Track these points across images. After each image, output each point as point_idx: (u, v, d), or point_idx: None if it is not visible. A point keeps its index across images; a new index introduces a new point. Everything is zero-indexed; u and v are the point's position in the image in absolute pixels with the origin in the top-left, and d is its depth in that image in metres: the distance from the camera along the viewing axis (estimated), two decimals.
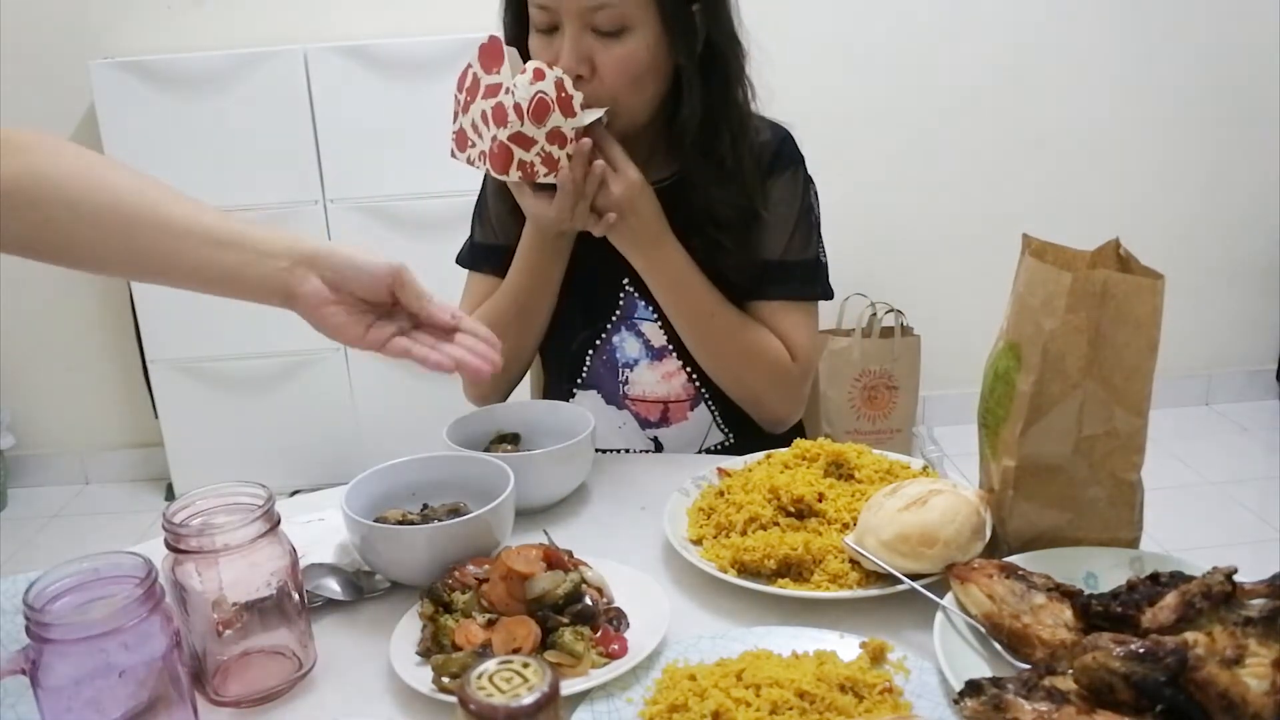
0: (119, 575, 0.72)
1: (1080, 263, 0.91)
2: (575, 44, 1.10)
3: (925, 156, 2.94)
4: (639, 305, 1.29)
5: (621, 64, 1.11)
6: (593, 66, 1.11)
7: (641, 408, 1.32)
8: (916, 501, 0.90)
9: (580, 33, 1.10)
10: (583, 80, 1.12)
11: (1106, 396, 0.87)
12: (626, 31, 1.10)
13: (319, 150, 2.62)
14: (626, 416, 1.33)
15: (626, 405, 1.33)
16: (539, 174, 1.11)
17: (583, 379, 1.34)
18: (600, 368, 1.32)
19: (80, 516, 2.93)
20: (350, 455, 2.78)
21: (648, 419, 1.33)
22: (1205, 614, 0.74)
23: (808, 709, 0.73)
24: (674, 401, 1.31)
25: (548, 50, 1.13)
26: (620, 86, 1.13)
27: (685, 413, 1.32)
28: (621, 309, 1.30)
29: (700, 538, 1.00)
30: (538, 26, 1.14)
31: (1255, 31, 2.92)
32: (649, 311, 1.28)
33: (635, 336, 1.30)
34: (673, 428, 1.33)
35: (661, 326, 1.28)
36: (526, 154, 1.10)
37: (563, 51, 1.10)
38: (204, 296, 0.93)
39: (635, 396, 1.32)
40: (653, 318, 1.29)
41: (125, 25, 2.72)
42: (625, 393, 1.32)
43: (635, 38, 1.11)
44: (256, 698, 0.81)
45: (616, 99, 1.13)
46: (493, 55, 1.09)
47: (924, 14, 2.85)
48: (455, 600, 0.86)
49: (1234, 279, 3.15)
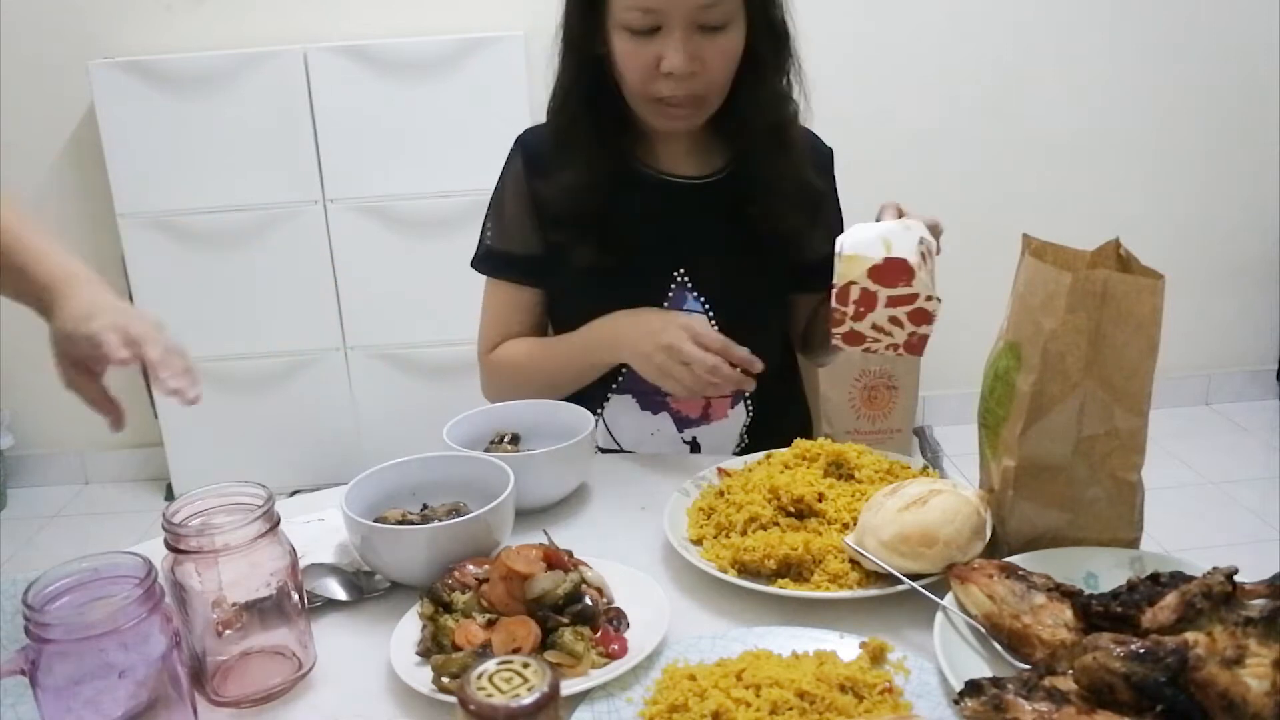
0: (118, 575, 0.72)
1: (1080, 263, 0.91)
2: (686, 43, 1.12)
3: (925, 156, 2.94)
4: (688, 297, 1.28)
5: (725, 55, 1.16)
6: (701, 63, 1.14)
7: (684, 405, 1.30)
8: (916, 501, 0.90)
9: (690, 32, 1.13)
10: (691, 78, 1.15)
11: (1106, 396, 0.87)
12: (729, 25, 1.15)
13: (319, 150, 2.62)
14: (662, 421, 1.31)
15: (666, 405, 1.31)
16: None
17: (620, 381, 1.31)
18: None
19: (80, 516, 2.93)
20: (350, 455, 2.78)
21: (688, 417, 1.31)
22: (1205, 614, 0.74)
23: (808, 709, 0.73)
24: (717, 397, 1.30)
25: (645, 53, 1.14)
26: (722, 77, 1.18)
27: (726, 410, 1.31)
28: (670, 301, 1.29)
29: (700, 538, 1.00)
30: (634, 28, 1.14)
31: (1256, 31, 2.92)
32: (699, 303, 1.28)
33: None
34: (713, 425, 1.32)
35: (712, 320, 1.28)
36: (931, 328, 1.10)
37: (671, 51, 1.12)
38: (204, 296, 0.93)
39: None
40: (702, 309, 1.28)
41: (125, 25, 2.72)
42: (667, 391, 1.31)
43: (734, 29, 1.16)
44: (256, 698, 0.81)
45: (714, 90, 1.18)
46: (897, 272, 1.04)
47: (923, 14, 2.85)
48: (455, 600, 0.86)
49: (1234, 279, 3.15)
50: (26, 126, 2.78)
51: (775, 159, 1.24)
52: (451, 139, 2.62)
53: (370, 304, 2.75)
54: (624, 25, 1.14)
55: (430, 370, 2.79)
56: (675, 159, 1.29)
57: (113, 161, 2.61)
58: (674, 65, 1.12)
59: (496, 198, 1.35)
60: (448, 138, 2.62)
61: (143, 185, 2.63)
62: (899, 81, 2.89)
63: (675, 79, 1.14)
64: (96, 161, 2.66)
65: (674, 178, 1.29)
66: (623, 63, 1.17)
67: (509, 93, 2.59)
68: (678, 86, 1.15)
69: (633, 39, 1.14)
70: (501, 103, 2.59)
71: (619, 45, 1.16)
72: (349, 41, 2.60)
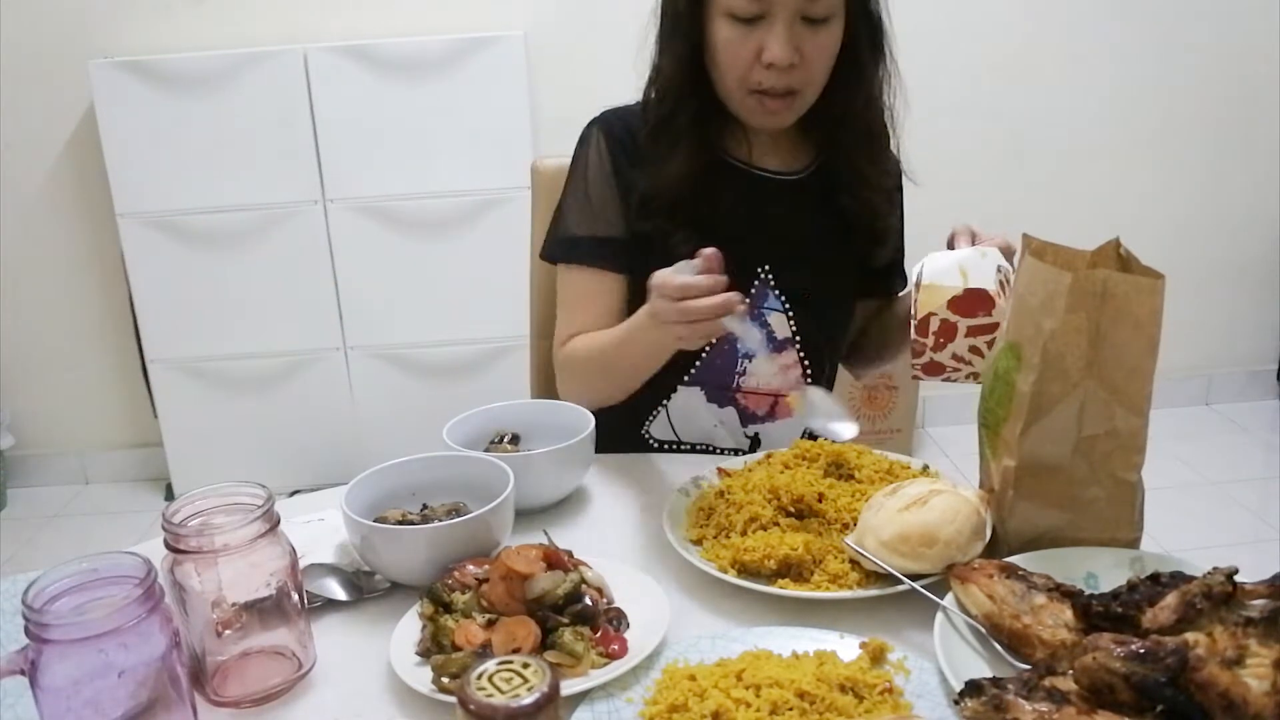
0: (118, 575, 0.72)
1: (1080, 263, 0.91)
2: (789, 34, 1.12)
3: (924, 157, 2.93)
4: (770, 294, 1.28)
5: (825, 49, 1.16)
6: (801, 55, 1.14)
7: (752, 400, 1.30)
8: (916, 501, 0.90)
9: (793, 23, 1.12)
10: (790, 70, 1.14)
11: (1107, 396, 0.87)
12: (831, 19, 1.14)
13: (319, 150, 2.62)
14: (729, 413, 1.31)
15: (734, 399, 1.30)
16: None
17: (692, 373, 1.29)
18: (717, 358, 1.28)
19: (80, 516, 2.93)
20: (350, 455, 2.78)
21: (755, 413, 1.31)
22: (1206, 614, 0.74)
23: (808, 709, 0.73)
24: (785, 395, 1.30)
25: (748, 42, 1.14)
26: (820, 71, 1.17)
27: (792, 410, 1.31)
28: (752, 297, 1.27)
29: (700, 538, 1.00)
30: (740, 15, 1.13)
31: (1256, 31, 2.92)
32: (779, 301, 1.28)
33: (760, 327, 1.28)
34: (777, 423, 1.31)
35: (791, 318, 1.28)
36: None
37: (773, 42, 1.12)
38: (204, 296, 0.93)
39: (749, 389, 1.30)
40: (781, 308, 1.28)
41: (125, 25, 2.72)
42: (739, 384, 1.29)
43: (836, 24, 1.15)
44: (256, 698, 0.81)
45: (810, 84, 1.18)
46: (977, 302, 1.04)
47: (922, 14, 2.84)
48: (455, 600, 0.86)
49: (1234, 279, 3.15)
50: (26, 126, 2.78)
51: (870, 154, 1.26)
52: (451, 139, 2.62)
53: (370, 304, 2.75)
54: (728, 12, 1.14)
55: (430, 370, 2.79)
56: (764, 153, 1.28)
57: (112, 161, 2.61)
58: (775, 55, 1.12)
59: (578, 181, 1.30)
60: (448, 138, 2.62)
61: (142, 185, 2.63)
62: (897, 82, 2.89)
63: (775, 70, 1.13)
64: (96, 161, 2.66)
65: (763, 172, 1.28)
66: (723, 51, 1.16)
67: (509, 93, 2.59)
68: (777, 78, 1.14)
69: (736, 27, 1.14)
70: (501, 103, 2.59)
71: (721, 32, 1.15)
72: (349, 41, 2.60)
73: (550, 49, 2.67)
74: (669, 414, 1.32)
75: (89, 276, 2.88)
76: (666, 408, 1.31)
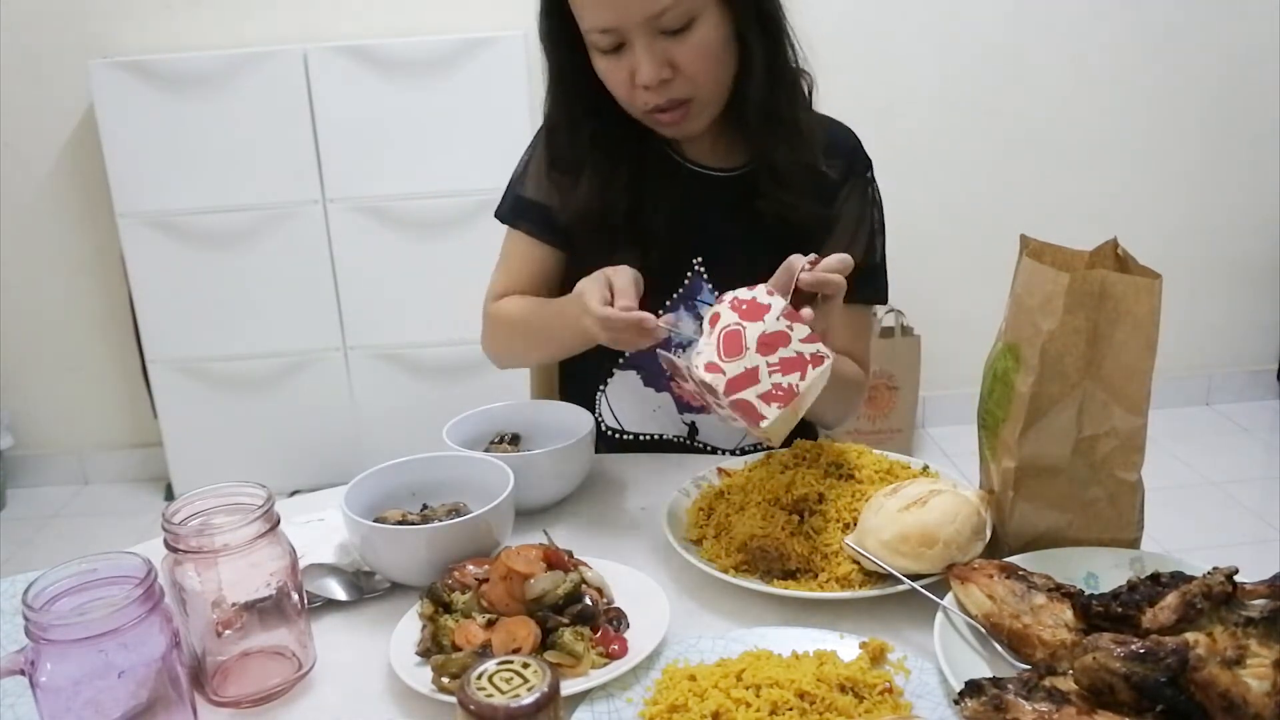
0: (118, 575, 0.72)
1: (1078, 263, 0.91)
2: (650, 53, 1.10)
3: (924, 157, 2.94)
4: (704, 288, 1.28)
5: (699, 53, 1.13)
6: (674, 67, 1.12)
7: (685, 392, 1.29)
8: (916, 502, 0.90)
9: (652, 40, 1.10)
10: (667, 83, 1.13)
11: (1106, 396, 0.87)
12: (695, 21, 1.11)
13: (319, 150, 2.62)
14: (664, 399, 1.31)
15: (668, 386, 1.30)
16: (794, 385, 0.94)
17: (625, 358, 1.31)
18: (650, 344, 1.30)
19: (79, 517, 2.93)
20: (350, 455, 2.78)
21: (689, 403, 1.31)
22: (1206, 614, 0.74)
23: (808, 709, 0.73)
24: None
25: (620, 68, 1.13)
26: (704, 74, 1.14)
27: None
28: (685, 289, 1.29)
29: (700, 538, 1.00)
30: (601, 49, 1.13)
31: (1256, 30, 2.92)
32: (712, 295, 1.28)
33: (693, 318, 1.28)
34: (711, 414, 1.30)
35: None
36: (760, 386, 0.94)
37: (640, 64, 1.11)
38: (204, 296, 0.93)
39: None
40: (714, 301, 1.27)
41: (125, 25, 2.72)
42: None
43: (703, 24, 1.12)
44: (256, 698, 0.81)
45: (701, 89, 1.15)
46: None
47: (921, 13, 2.85)
48: (455, 600, 0.86)
49: (1234, 279, 3.15)
50: (26, 126, 2.78)
51: (780, 147, 1.21)
52: (451, 139, 2.62)
53: (370, 304, 2.75)
54: (594, 46, 1.14)
55: (430, 370, 2.79)
56: (703, 150, 1.28)
57: (112, 161, 2.61)
58: (643, 77, 1.11)
59: (533, 146, 1.34)
60: (448, 138, 2.62)
61: (142, 185, 2.63)
62: (897, 81, 2.89)
63: (652, 90, 1.13)
64: (96, 161, 2.66)
65: (701, 168, 1.28)
66: (606, 81, 1.17)
67: (509, 93, 2.59)
68: (657, 95, 1.14)
69: (606, 59, 1.14)
70: (501, 103, 2.59)
71: (598, 66, 1.16)
72: (349, 41, 2.60)
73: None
74: (608, 400, 1.34)
75: (89, 276, 2.88)
76: (605, 393, 1.33)
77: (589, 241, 1.25)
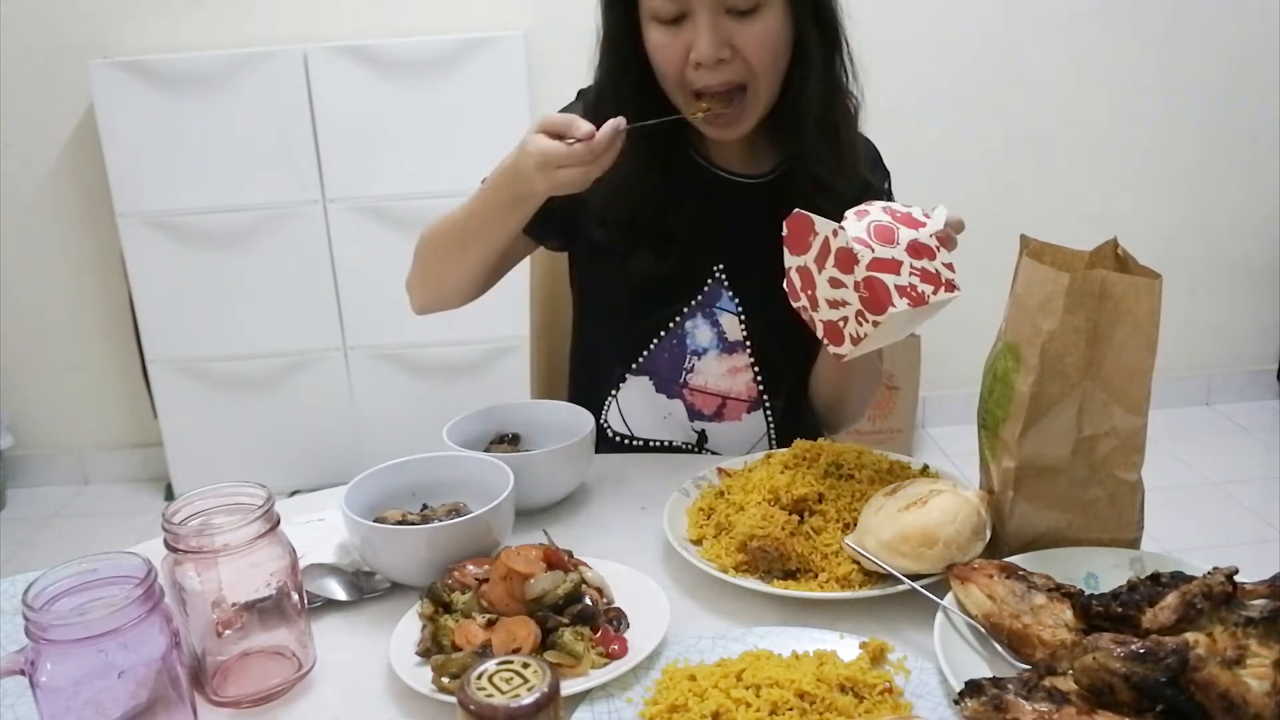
0: (118, 575, 0.72)
1: (1078, 263, 0.91)
2: (713, 29, 1.09)
3: (924, 157, 2.94)
4: (724, 294, 1.27)
5: (762, 41, 1.11)
6: (732, 49, 1.11)
7: (699, 399, 1.30)
8: (916, 502, 0.90)
9: (716, 16, 1.09)
10: (723, 65, 1.11)
11: (1106, 397, 0.87)
12: (761, 8, 1.10)
13: (319, 150, 2.62)
14: (676, 406, 1.30)
15: (681, 393, 1.30)
16: (926, 294, 0.94)
17: (639, 363, 1.30)
18: (664, 351, 1.29)
19: (79, 517, 2.93)
20: (350, 455, 2.78)
21: (701, 411, 1.30)
22: (1206, 614, 0.74)
23: (808, 709, 0.73)
24: (733, 399, 1.29)
25: (675, 43, 1.11)
26: (763, 64, 1.13)
27: (741, 413, 1.30)
28: (705, 295, 1.28)
29: (700, 538, 1.00)
30: (661, 17, 1.11)
31: (1256, 31, 2.92)
32: (732, 303, 1.27)
33: (710, 325, 1.28)
34: (724, 424, 1.31)
35: (741, 321, 1.27)
36: (899, 278, 0.94)
37: (699, 39, 1.09)
38: (204, 297, 0.93)
39: (696, 386, 1.29)
40: (734, 310, 1.27)
41: (125, 25, 2.72)
42: (686, 380, 1.29)
43: (769, 12, 1.11)
44: (256, 698, 0.81)
45: (756, 78, 1.14)
46: (801, 229, 1.01)
47: (921, 14, 2.85)
48: (455, 600, 0.86)
49: (1234, 279, 3.15)
50: (26, 126, 2.78)
51: (828, 157, 1.20)
52: (451, 139, 2.62)
53: (370, 304, 2.75)
54: (653, 15, 1.12)
55: (430, 370, 2.79)
56: (729, 155, 1.27)
57: (112, 161, 2.61)
58: (701, 52, 1.09)
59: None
60: (448, 138, 2.62)
61: (142, 185, 2.63)
62: (896, 81, 2.89)
63: (706, 69, 1.11)
64: (96, 161, 2.66)
65: (726, 174, 1.27)
66: (656, 55, 1.14)
67: (509, 93, 2.59)
68: (711, 76, 1.12)
69: (663, 29, 1.12)
70: (501, 103, 2.59)
71: (651, 37, 1.14)
72: (349, 41, 2.60)
73: (550, 49, 2.67)
74: (619, 403, 1.33)
75: (89, 276, 2.88)
76: (616, 399, 1.33)
77: (611, 236, 1.23)
